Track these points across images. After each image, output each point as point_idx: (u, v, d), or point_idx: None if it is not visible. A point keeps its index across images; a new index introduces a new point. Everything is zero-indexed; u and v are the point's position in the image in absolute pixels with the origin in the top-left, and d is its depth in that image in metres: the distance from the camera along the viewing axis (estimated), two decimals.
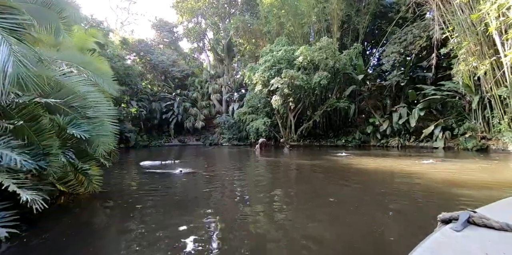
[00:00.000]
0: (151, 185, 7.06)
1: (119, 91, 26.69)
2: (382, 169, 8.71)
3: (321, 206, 4.96)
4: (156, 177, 8.35)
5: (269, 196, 5.75)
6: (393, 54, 20.42)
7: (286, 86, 19.06)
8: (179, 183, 7.39)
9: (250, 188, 6.79)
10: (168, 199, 5.76)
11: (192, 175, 8.42)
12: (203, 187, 6.95)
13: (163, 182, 7.51)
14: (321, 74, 18.86)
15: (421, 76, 21.47)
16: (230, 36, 33.34)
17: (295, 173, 8.97)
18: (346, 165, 9.71)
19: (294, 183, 7.45)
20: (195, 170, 9.11)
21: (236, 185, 7.06)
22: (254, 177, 8.28)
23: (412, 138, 20.46)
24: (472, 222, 1.12)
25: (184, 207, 4.93)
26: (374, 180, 7.24)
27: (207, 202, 5.45)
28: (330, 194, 5.78)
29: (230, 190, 6.62)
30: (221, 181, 7.65)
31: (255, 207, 5.01)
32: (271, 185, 6.91)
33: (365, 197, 5.39)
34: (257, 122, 23.69)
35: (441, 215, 1.22)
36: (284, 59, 20.90)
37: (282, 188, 6.63)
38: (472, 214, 1.14)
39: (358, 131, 23.42)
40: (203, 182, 7.59)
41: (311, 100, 22.37)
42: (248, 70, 23.97)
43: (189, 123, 33.97)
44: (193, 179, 7.97)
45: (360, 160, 11.46)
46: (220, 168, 10.21)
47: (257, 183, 7.29)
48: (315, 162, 11.15)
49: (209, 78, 36.18)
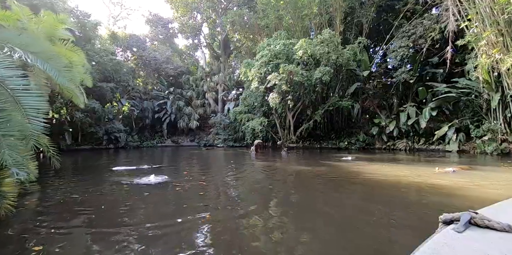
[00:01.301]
0: (87, 205, 5.20)
1: (107, 88, 25.08)
2: (402, 180, 6.92)
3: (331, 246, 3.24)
4: (107, 190, 6.60)
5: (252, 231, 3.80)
6: (401, 49, 18.73)
7: (284, 83, 17.35)
8: (129, 202, 5.47)
9: (223, 216, 4.42)
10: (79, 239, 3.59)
11: (160, 187, 6.67)
12: (152, 213, 4.71)
13: (106, 199, 5.75)
14: (322, 70, 17.15)
15: (431, 73, 19.75)
16: (226, 31, 31.69)
17: (292, 185, 7.08)
18: (354, 174, 7.91)
19: (289, 205, 5.21)
20: (168, 179, 7.38)
21: (208, 206, 4.94)
22: (236, 194, 6.15)
23: (421, 140, 18.74)
24: (473, 223, 1.12)
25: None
26: (395, 199, 5.42)
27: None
28: (341, 225, 4.04)
29: (191, 220, 4.15)
30: (188, 199, 5.63)
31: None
32: (255, 212, 4.54)
33: (394, 236, 3.62)
34: (253, 123, 21.97)
35: (443, 216, 1.21)
36: (283, 54, 19.20)
37: (271, 214, 4.48)
38: (474, 215, 1.13)
39: (362, 132, 21.70)
40: (163, 200, 5.66)
41: (312, 99, 20.65)
42: (244, 66, 22.30)
43: (183, 123, 32.25)
44: (156, 193, 6.22)
45: (369, 166, 9.75)
46: (202, 175, 8.51)
47: (235, 206, 5.04)
48: (317, 169, 9.46)
49: (204, 76, 34.49)
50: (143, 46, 31.55)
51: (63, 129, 24.78)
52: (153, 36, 38.62)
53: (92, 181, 7.77)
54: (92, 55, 23.80)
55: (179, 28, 35.41)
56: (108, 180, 7.76)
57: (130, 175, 8.29)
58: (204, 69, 34.90)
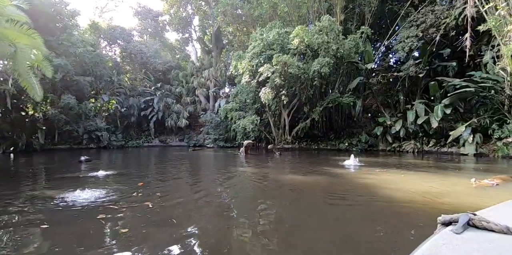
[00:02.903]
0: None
1: (84, 82, 22.79)
2: (443, 202, 4.62)
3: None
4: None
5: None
6: (409, 39, 16.71)
7: (278, 76, 15.26)
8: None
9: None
10: None
11: (80, 212, 4.53)
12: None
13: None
14: (321, 61, 15.07)
15: (441, 67, 17.77)
16: (218, 24, 29.52)
17: (288, 217, 4.25)
18: (366, 188, 5.82)
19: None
20: (105, 196, 5.26)
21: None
22: (187, 236, 3.35)
23: (431, 141, 16.74)
24: (472, 225, 1.12)
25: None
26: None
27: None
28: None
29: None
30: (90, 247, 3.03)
31: None
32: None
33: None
34: (245, 121, 19.85)
35: (441, 217, 1.20)
36: (277, 44, 17.12)
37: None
38: (472, 217, 1.13)
39: (364, 132, 19.66)
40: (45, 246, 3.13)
41: (309, 95, 18.56)
42: (234, 59, 20.19)
43: (171, 122, 30.04)
44: (60, 223, 4.13)
45: (380, 175, 7.63)
46: (160, 188, 6.34)
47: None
48: (313, 178, 7.38)
49: (195, 72, 32.32)
50: (128, 38, 29.21)
51: (36, 127, 22.56)
52: (141, 29, 36.40)
53: (6, 192, 5.64)
54: (68, 46, 21.58)
55: (169, 21, 33.19)
56: (28, 193, 5.64)
57: (62, 187, 6.16)
58: (194, 64, 32.70)
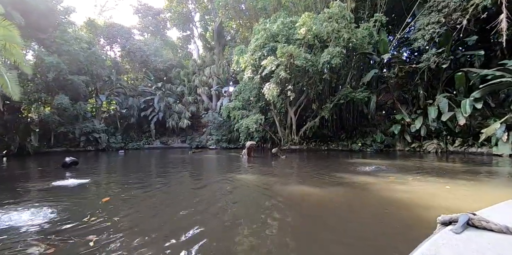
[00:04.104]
0: None
1: (79, 81, 21.59)
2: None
3: None
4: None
5: None
6: (429, 26, 14.91)
7: (283, 69, 13.66)
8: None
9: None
10: None
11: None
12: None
13: None
14: (332, 51, 13.40)
15: (466, 56, 15.91)
16: (220, 19, 28.08)
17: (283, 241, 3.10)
18: (408, 207, 4.31)
19: None
20: (48, 216, 3.83)
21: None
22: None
23: (457, 140, 14.90)
24: (471, 225, 1.12)
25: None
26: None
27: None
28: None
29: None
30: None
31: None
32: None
33: None
34: (248, 120, 18.28)
35: (441, 217, 1.20)
36: (282, 35, 15.52)
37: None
38: (472, 217, 1.13)
39: (379, 131, 17.89)
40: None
41: (318, 90, 16.88)
42: (236, 54, 18.67)
43: (172, 122, 28.72)
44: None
45: (418, 186, 5.86)
46: (126, 209, 4.79)
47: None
48: (331, 192, 5.77)
49: (196, 70, 30.94)
50: (127, 36, 27.98)
51: (30, 129, 21.49)
52: (142, 28, 35.26)
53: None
54: (60, 44, 20.41)
55: (170, 17, 31.92)
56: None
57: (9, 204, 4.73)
58: (195, 61, 31.33)
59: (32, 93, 20.53)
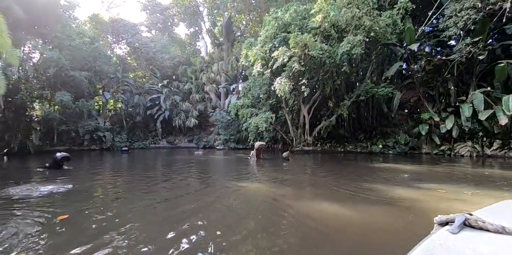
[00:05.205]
0: None
1: (80, 77, 20.66)
2: None
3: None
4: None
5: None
6: (463, 12, 13.10)
7: (297, 60, 12.16)
8: None
9: None
10: None
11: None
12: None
13: None
14: (352, 40, 11.81)
15: (504, 46, 14.00)
16: (228, 13, 26.80)
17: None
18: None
19: None
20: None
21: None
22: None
23: (495, 143, 13.04)
24: (468, 225, 1.09)
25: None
26: None
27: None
28: None
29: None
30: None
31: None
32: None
33: None
34: (257, 119, 16.87)
35: (438, 218, 1.16)
36: (294, 25, 14.02)
37: None
38: (468, 217, 1.10)
39: (402, 132, 16.13)
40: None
41: (335, 86, 15.29)
42: (245, 47, 17.28)
43: (179, 121, 27.63)
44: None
45: (486, 205, 4.44)
46: (78, 236, 3.53)
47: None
48: (361, 211, 4.27)
49: (204, 67, 29.76)
50: (133, 31, 27.05)
51: (31, 127, 20.77)
52: (149, 24, 34.40)
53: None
54: (62, 39, 19.57)
55: (177, 11, 30.88)
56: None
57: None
58: (203, 58, 30.15)
59: (34, 90, 19.78)
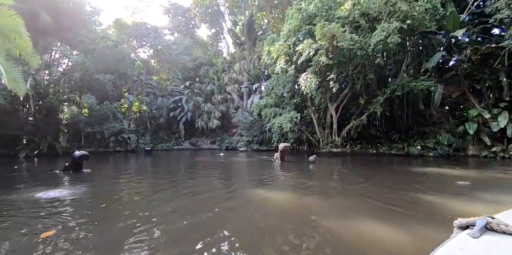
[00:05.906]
0: None
1: (105, 80, 20.84)
2: None
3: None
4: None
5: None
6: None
7: (324, 53, 11.06)
8: None
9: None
10: None
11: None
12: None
13: None
14: (387, 27, 10.49)
15: None
16: (250, 11, 26.11)
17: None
18: None
19: None
20: None
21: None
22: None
23: None
24: (490, 228, 1.06)
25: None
26: None
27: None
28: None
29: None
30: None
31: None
32: None
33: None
34: (281, 119, 15.88)
35: (458, 221, 1.14)
36: (320, 16, 12.91)
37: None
38: (490, 220, 1.07)
39: (444, 131, 14.36)
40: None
41: (367, 80, 13.92)
42: (267, 44, 16.41)
43: (201, 123, 27.36)
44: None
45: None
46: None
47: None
48: (428, 243, 3.25)
49: (226, 67, 29.30)
50: (156, 34, 27.22)
51: (59, 130, 21.37)
52: (171, 27, 34.71)
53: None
54: (87, 43, 19.90)
55: (198, 12, 30.79)
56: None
57: None
58: (225, 58, 29.71)
59: (62, 94, 20.31)
